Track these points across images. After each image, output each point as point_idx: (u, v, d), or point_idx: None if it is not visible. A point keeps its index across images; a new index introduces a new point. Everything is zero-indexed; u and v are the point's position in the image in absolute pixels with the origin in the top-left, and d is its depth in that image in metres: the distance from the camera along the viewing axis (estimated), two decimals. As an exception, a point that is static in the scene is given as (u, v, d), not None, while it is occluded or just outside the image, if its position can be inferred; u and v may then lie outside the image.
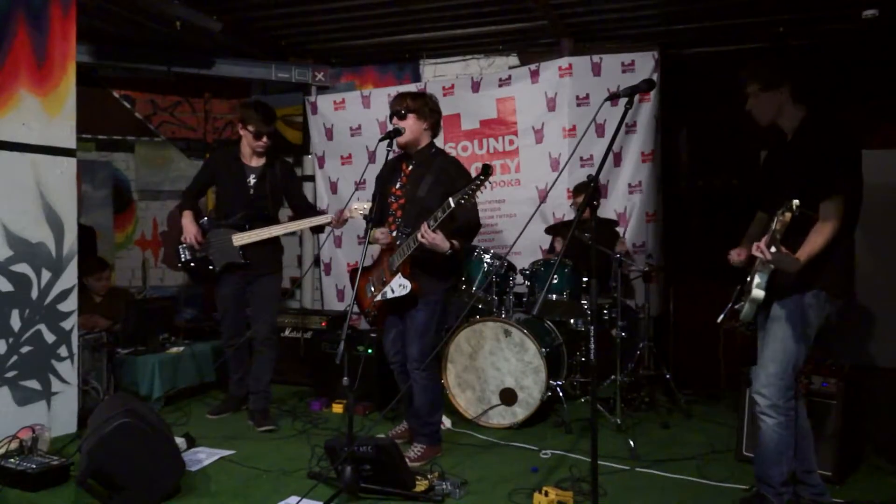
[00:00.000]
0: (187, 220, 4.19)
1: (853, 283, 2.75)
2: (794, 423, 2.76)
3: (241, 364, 4.40)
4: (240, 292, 4.25)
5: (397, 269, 3.46)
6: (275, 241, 4.23)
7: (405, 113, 3.49)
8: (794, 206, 2.41)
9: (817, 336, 2.75)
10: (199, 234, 4.17)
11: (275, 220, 4.20)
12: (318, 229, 4.26)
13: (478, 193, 3.18)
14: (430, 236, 3.24)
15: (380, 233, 3.55)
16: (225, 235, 4.14)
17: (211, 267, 4.18)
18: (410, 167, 3.59)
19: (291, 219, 4.37)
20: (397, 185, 3.61)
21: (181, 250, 4.24)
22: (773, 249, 2.40)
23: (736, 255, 2.94)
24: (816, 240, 2.57)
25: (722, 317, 2.89)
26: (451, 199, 3.19)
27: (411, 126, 3.50)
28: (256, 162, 4.21)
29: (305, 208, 4.33)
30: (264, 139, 4.13)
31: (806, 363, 3.33)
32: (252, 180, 4.18)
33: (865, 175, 2.70)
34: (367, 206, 3.82)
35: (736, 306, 2.83)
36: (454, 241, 3.39)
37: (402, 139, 3.51)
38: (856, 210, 2.68)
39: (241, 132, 4.16)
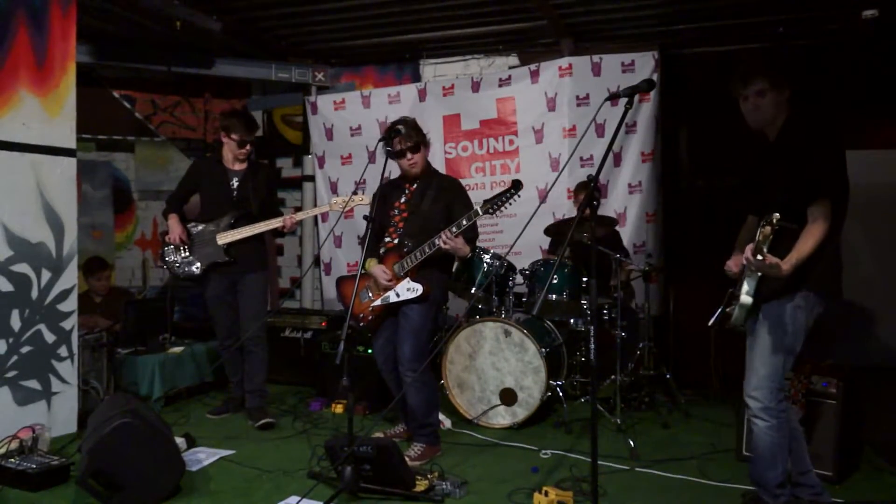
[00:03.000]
0: (173, 222, 4.30)
1: (840, 283, 2.73)
2: (786, 424, 2.75)
3: (238, 366, 4.42)
4: (228, 292, 4.30)
5: (405, 274, 3.53)
6: (259, 240, 4.29)
7: (420, 147, 3.64)
8: (774, 220, 2.43)
9: (817, 336, 2.74)
10: (185, 234, 4.26)
11: (258, 221, 4.24)
12: (278, 232, 4.43)
13: (507, 206, 3.40)
14: (453, 241, 3.41)
15: (381, 270, 3.60)
16: (210, 236, 4.23)
17: (196, 266, 4.24)
18: (415, 185, 3.73)
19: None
20: (402, 200, 3.73)
21: (166, 250, 4.31)
22: (758, 258, 2.42)
23: (734, 266, 2.89)
24: (805, 243, 2.56)
25: (713, 320, 2.88)
26: (478, 209, 3.39)
27: (423, 156, 3.68)
28: (239, 166, 4.32)
29: (270, 212, 4.35)
30: (247, 147, 4.26)
31: (805, 363, 3.34)
32: (235, 183, 4.29)
33: (865, 175, 2.71)
34: (342, 199, 4.12)
35: (728, 309, 2.83)
36: (469, 245, 3.57)
37: (417, 171, 3.67)
38: (843, 210, 2.66)
39: (224, 140, 4.28)
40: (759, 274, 2.62)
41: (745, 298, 2.70)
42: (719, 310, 2.86)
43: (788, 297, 2.65)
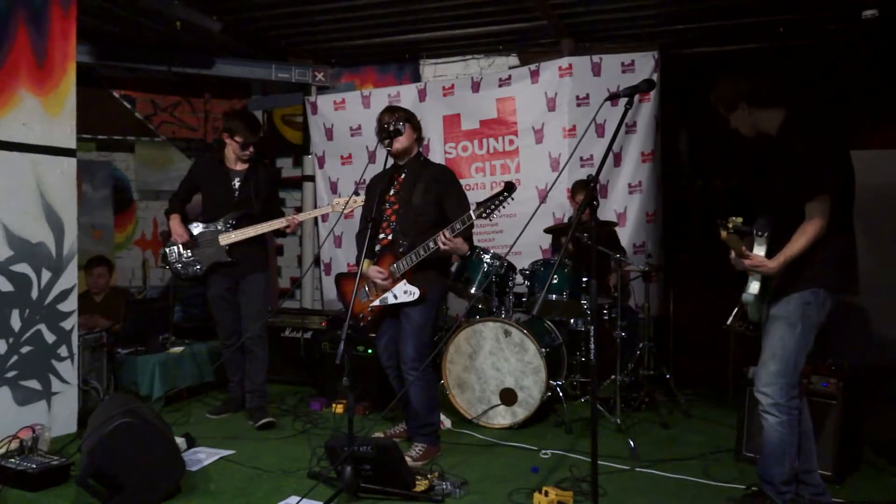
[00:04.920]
0: (175, 222, 4.29)
1: (856, 279, 2.74)
2: (798, 422, 2.75)
3: (238, 366, 4.42)
4: (229, 292, 4.30)
5: (402, 275, 3.51)
6: (260, 240, 4.30)
7: (404, 124, 3.60)
8: (729, 225, 2.51)
9: (818, 335, 2.74)
10: (187, 235, 4.25)
11: (260, 221, 4.23)
12: (280, 232, 4.40)
13: (501, 209, 3.33)
14: (452, 242, 3.38)
15: (376, 271, 3.57)
16: (212, 236, 4.23)
17: (198, 267, 4.24)
18: (403, 175, 3.70)
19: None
20: (391, 192, 3.70)
21: (168, 251, 4.31)
22: (745, 262, 2.45)
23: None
24: (796, 242, 2.59)
25: (731, 319, 2.90)
26: (472, 212, 3.33)
27: (408, 135, 3.63)
28: (241, 166, 4.31)
29: (272, 212, 4.35)
30: (250, 149, 4.24)
31: (806, 363, 3.34)
32: (237, 183, 4.29)
33: (866, 175, 2.70)
34: (343, 200, 4.10)
35: (744, 307, 2.85)
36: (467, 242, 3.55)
37: (398, 146, 3.61)
38: (847, 206, 2.67)
39: (227, 141, 4.27)
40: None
41: (745, 296, 2.74)
42: (736, 308, 2.88)
43: (798, 294, 2.66)
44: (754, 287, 2.73)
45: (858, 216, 2.72)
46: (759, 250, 2.67)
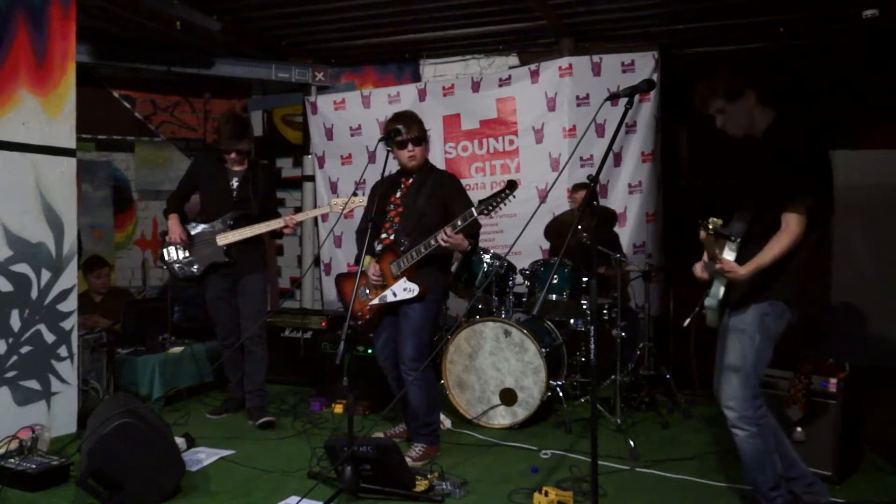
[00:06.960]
0: (173, 222, 4.28)
1: (826, 290, 2.68)
2: (769, 429, 2.70)
3: (238, 366, 4.41)
4: (228, 292, 4.30)
5: (402, 273, 3.51)
6: (258, 241, 4.29)
7: (422, 141, 3.66)
8: (710, 226, 2.45)
9: (817, 336, 2.72)
10: (184, 235, 4.24)
11: (258, 221, 4.22)
12: (278, 233, 4.37)
13: (502, 206, 3.37)
14: (453, 238, 3.40)
15: (372, 271, 3.61)
16: (209, 236, 4.22)
17: (195, 267, 4.24)
18: (410, 180, 3.73)
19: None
20: (397, 195, 3.73)
21: (166, 251, 4.30)
22: (716, 264, 2.43)
23: (698, 270, 2.84)
24: (769, 250, 2.52)
25: (688, 320, 2.87)
26: (473, 209, 3.37)
27: (423, 151, 3.69)
28: (239, 166, 4.30)
29: (270, 213, 4.34)
30: (233, 155, 4.21)
31: (805, 363, 3.34)
32: (235, 183, 4.27)
33: (866, 175, 2.67)
34: (342, 201, 4.08)
35: (703, 311, 2.81)
36: (469, 240, 3.56)
37: (415, 164, 3.66)
38: (822, 216, 2.59)
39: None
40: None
41: (708, 301, 2.70)
42: (695, 310, 2.85)
43: (756, 305, 2.61)
44: (719, 292, 2.67)
45: (858, 216, 2.69)
46: (730, 255, 2.62)
